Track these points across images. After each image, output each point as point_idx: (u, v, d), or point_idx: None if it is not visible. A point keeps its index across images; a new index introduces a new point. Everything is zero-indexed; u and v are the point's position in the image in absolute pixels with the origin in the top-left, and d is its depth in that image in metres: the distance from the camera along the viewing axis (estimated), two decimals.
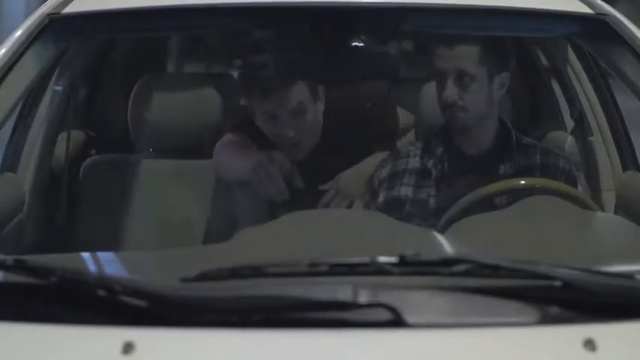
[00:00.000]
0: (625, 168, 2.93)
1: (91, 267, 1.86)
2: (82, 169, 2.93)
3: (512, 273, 1.62)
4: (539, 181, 2.49)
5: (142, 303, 1.56)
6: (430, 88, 2.80)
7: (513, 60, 2.71)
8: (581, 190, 2.87)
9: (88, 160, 2.96)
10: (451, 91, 2.55)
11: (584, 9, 2.43)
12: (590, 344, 1.53)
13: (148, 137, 2.90)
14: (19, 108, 2.74)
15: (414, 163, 2.60)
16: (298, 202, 2.50)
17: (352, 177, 2.64)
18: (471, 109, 2.56)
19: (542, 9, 2.44)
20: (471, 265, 1.61)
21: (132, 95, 2.87)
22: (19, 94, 2.27)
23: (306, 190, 2.59)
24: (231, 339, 1.54)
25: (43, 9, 2.39)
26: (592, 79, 3.06)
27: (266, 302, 1.57)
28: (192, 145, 2.84)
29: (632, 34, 2.35)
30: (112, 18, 2.45)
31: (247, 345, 1.54)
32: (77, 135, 3.22)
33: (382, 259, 1.61)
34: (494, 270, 1.61)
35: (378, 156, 2.69)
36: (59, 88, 3.01)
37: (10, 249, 2.51)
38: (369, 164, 2.67)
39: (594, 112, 3.06)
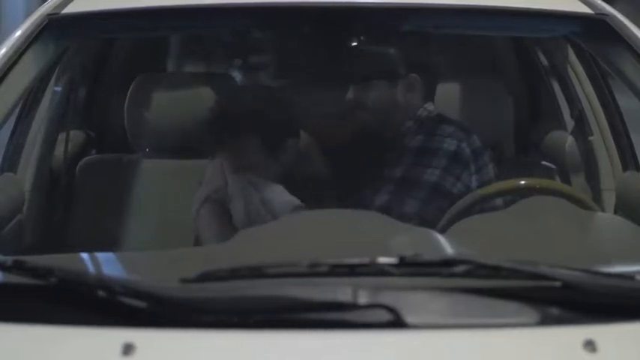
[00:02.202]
0: (625, 168, 2.93)
1: (91, 268, 1.86)
2: (77, 170, 2.93)
3: (513, 274, 1.62)
4: (539, 182, 2.49)
5: (141, 304, 1.56)
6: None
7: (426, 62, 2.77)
8: (579, 189, 2.88)
9: (83, 161, 2.96)
10: (352, 94, 2.65)
11: (584, 9, 2.43)
12: (590, 345, 1.53)
13: (144, 137, 2.90)
14: (19, 108, 2.74)
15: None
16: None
17: None
18: (373, 113, 2.64)
19: (542, 9, 2.44)
20: (471, 265, 1.60)
21: (128, 95, 2.87)
22: (19, 94, 2.26)
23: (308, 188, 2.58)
24: (231, 340, 1.54)
25: (43, 9, 2.39)
26: (592, 79, 3.06)
27: (266, 303, 1.57)
28: (188, 145, 2.84)
29: (632, 33, 2.34)
30: (112, 18, 2.45)
31: (247, 346, 1.54)
32: (77, 135, 3.22)
33: (382, 259, 1.60)
34: (495, 271, 1.61)
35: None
36: (59, 88, 3.01)
37: (10, 249, 2.51)
38: None
39: (594, 112, 3.06)
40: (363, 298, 1.55)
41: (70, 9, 2.39)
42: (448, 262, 1.62)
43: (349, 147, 2.66)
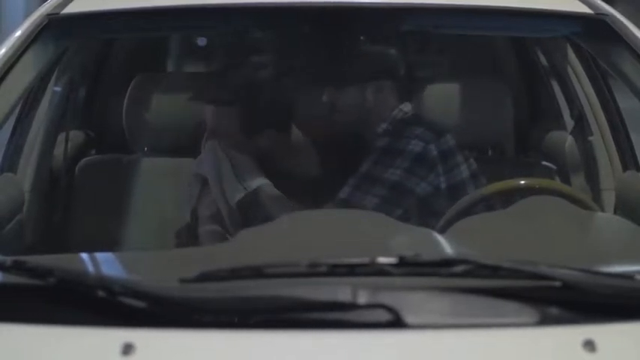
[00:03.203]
0: (625, 168, 2.93)
1: (91, 268, 1.86)
2: (76, 170, 2.93)
3: (512, 273, 1.62)
4: (539, 182, 2.49)
5: (141, 304, 1.56)
6: (432, 88, 2.82)
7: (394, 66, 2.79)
8: (579, 189, 2.88)
9: (82, 161, 2.96)
10: (330, 95, 2.68)
11: (584, 9, 2.43)
12: (589, 345, 1.53)
13: (142, 137, 2.91)
14: (18, 108, 2.74)
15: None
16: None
17: None
18: (344, 112, 2.67)
19: (542, 9, 2.44)
20: (470, 265, 1.60)
21: (127, 95, 2.87)
22: (19, 94, 2.26)
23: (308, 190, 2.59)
24: (231, 340, 1.54)
25: (43, 9, 2.39)
26: (592, 79, 3.06)
27: (266, 303, 1.57)
28: (186, 145, 2.84)
29: (632, 34, 2.34)
30: (112, 18, 2.45)
31: (247, 346, 1.54)
32: (76, 135, 3.22)
33: (382, 259, 1.60)
34: (494, 270, 1.61)
35: None
36: (58, 88, 3.01)
37: (10, 249, 2.51)
38: None
39: (594, 112, 3.06)
40: (362, 298, 1.55)
41: (69, 9, 2.39)
42: (448, 262, 1.62)
43: (327, 145, 2.68)
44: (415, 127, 2.65)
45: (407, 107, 2.72)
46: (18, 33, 2.30)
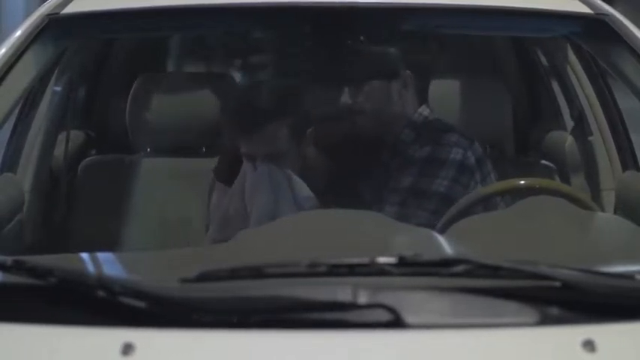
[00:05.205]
0: (625, 168, 2.93)
1: (91, 267, 1.86)
2: (78, 170, 2.94)
3: (512, 273, 1.62)
4: (539, 182, 2.49)
5: (141, 304, 1.56)
6: (432, 88, 2.81)
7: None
8: (579, 189, 2.88)
9: (84, 161, 2.97)
10: (346, 96, 2.61)
11: (584, 9, 2.43)
12: (589, 345, 1.53)
13: (145, 137, 2.91)
14: (18, 108, 2.74)
15: None
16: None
17: None
18: (369, 113, 2.60)
19: (542, 9, 2.45)
20: (470, 265, 1.61)
21: (130, 95, 2.88)
22: (19, 94, 2.27)
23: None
24: (231, 340, 1.54)
25: (43, 9, 2.39)
26: (592, 79, 3.06)
27: (265, 303, 1.57)
28: (189, 145, 2.85)
29: (632, 33, 2.35)
30: (112, 18, 2.46)
31: (247, 346, 1.54)
32: (77, 135, 3.22)
33: (382, 259, 1.61)
34: (494, 270, 1.62)
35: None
36: (58, 88, 3.01)
37: (10, 249, 2.51)
38: None
39: (594, 112, 3.06)
40: (362, 298, 1.55)
41: (69, 9, 2.39)
42: (448, 262, 1.62)
43: (349, 151, 2.64)
44: (450, 134, 2.61)
45: (426, 111, 2.69)
46: (18, 33, 2.30)
